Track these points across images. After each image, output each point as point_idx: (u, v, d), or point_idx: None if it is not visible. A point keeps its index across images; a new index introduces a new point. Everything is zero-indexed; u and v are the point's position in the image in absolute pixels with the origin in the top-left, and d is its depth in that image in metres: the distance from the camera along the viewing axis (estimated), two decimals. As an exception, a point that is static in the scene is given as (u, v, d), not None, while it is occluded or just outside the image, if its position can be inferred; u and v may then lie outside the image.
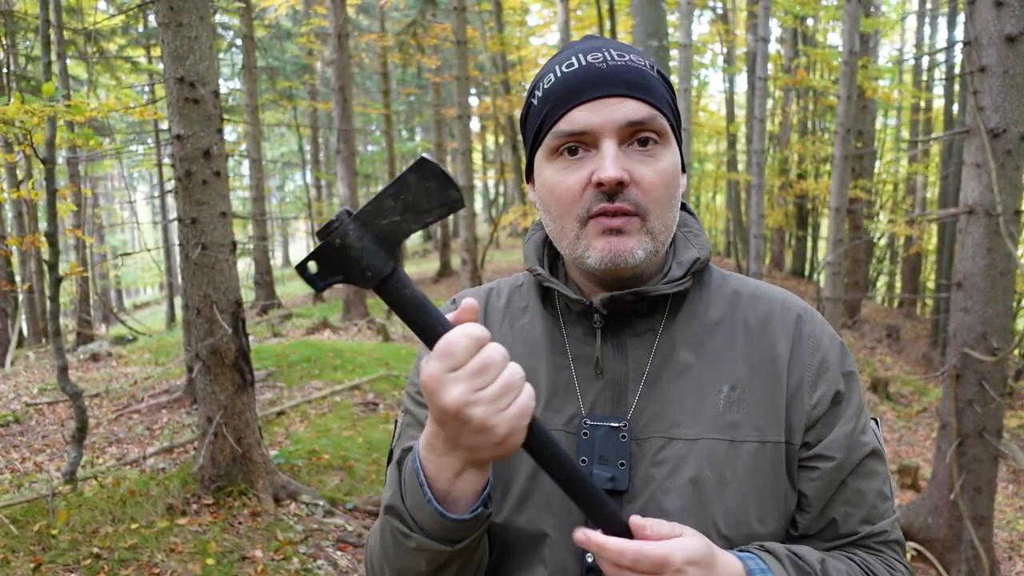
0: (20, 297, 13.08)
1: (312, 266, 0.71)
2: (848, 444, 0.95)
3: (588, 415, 0.96)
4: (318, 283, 0.72)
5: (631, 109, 0.91)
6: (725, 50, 22.78)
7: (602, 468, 0.93)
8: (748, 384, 0.95)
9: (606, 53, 0.94)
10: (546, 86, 0.96)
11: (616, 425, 0.94)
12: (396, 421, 1.11)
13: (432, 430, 0.80)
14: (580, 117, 0.91)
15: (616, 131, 0.91)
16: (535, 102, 0.98)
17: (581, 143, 0.92)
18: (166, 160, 12.24)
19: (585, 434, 0.95)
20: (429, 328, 0.72)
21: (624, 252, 0.91)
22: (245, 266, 19.90)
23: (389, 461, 1.06)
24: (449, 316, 0.75)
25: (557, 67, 0.95)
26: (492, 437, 0.72)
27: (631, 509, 0.91)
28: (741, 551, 0.88)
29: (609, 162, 0.89)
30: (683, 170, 1.04)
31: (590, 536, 0.79)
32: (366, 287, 0.72)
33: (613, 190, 0.90)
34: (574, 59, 0.94)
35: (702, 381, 0.96)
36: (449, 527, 0.82)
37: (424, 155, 0.72)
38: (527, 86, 1.09)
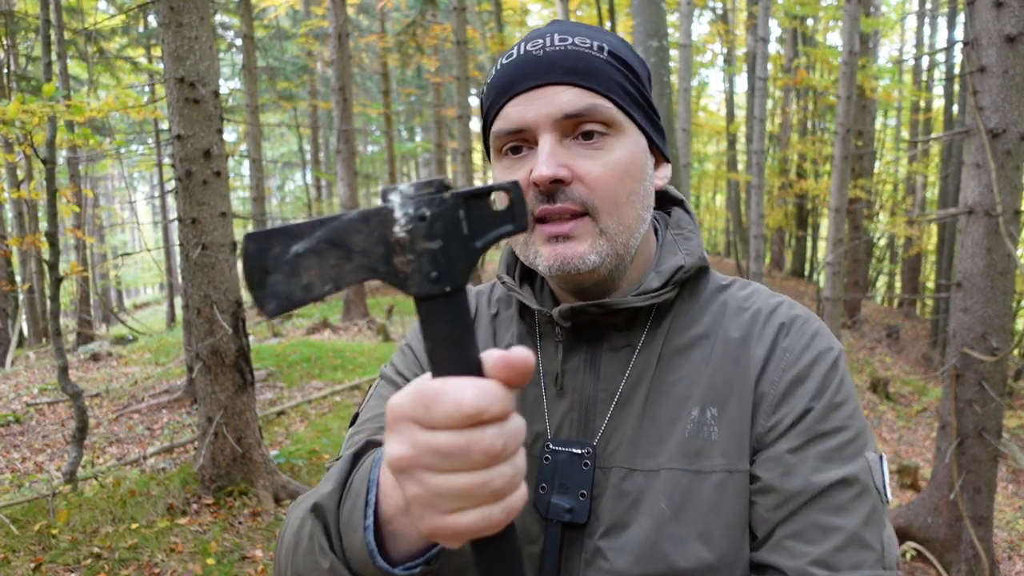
0: (20, 297, 13.09)
1: (493, 200, 0.53)
2: (786, 465, 0.79)
3: (553, 438, 0.87)
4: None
5: (567, 99, 0.81)
6: (725, 50, 22.79)
7: (561, 498, 0.83)
8: (722, 406, 0.83)
9: (547, 39, 0.84)
10: (488, 80, 0.89)
11: (579, 452, 0.85)
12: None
13: None
14: (514, 112, 0.83)
15: (552, 124, 0.82)
16: (482, 97, 0.91)
17: (522, 141, 0.84)
18: (166, 160, 12.25)
19: (547, 459, 0.86)
20: (448, 361, 0.52)
21: (573, 258, 0.82)
22: (245, 266, 19.87)
23: (352, 424, 0.96)
24: (491, 356, 0.52)
25: (501, 59, 0.88)
26: (417, 523, 0.54)
27: (590, 544, 0.83)
28: None
29: (543, 159, 0.80)
30: (664, 159, 0.93)
31: None
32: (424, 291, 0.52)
33: (549, 189, 0.81)
34: (515, 49, 0.86)
35: (673, 403, 0.85)
36: (373, 572, 0.64)
37: None
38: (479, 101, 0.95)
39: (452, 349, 0.52)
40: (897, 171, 21.33)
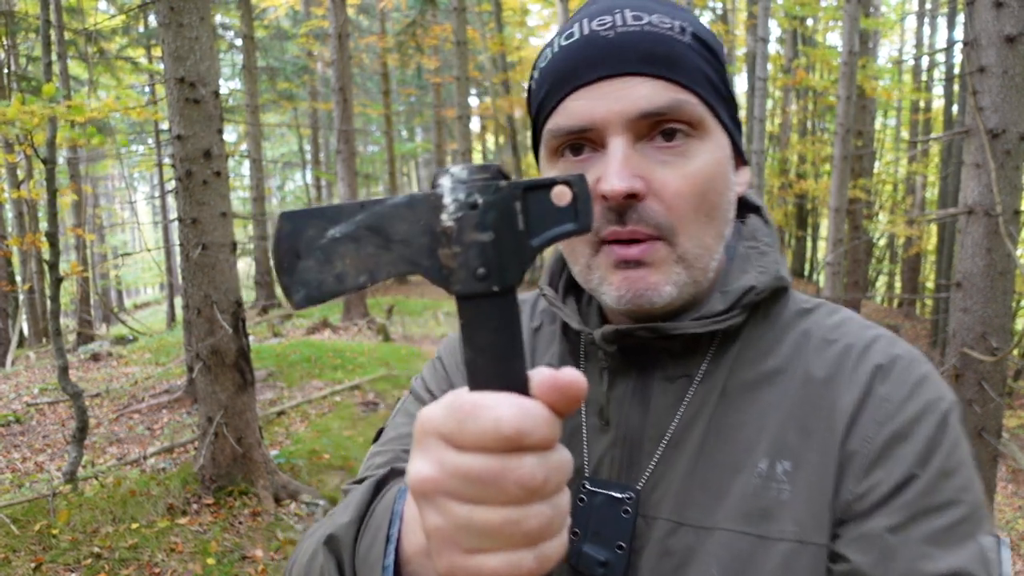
0: (21, 297, 13.09)
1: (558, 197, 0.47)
2: (885, 547, 0.64)
3: (591, 477, 0.75)
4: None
5: (645, 94, 0.67)
6: (725, 50, 22.80)
7: (595, 548, 0.71)
8: (798, 460, 0.68)
9: (618, 16, 0.70)
10: (542, 64, 0.75)
11: (619, 496, 0.72)
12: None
13: None
14: (579, 108, 0.69)
15: (625, 125, 0.68)
16: (533, 84, 0.77)
17: (585, 140, 0.71)
18: (166, 160, 12.26)
19: (582, 499, 0.73)
20: (490, 374, 0.46)
21: (647, 290, 0.69)
22: (245, 266, 19.93)
23: (376, 439, 0.89)
24: (539, 374, 0.45)
25: (558, 39, 0.74)
26: (435, 559, 0.47)
27: None
28: None
29: (615, 168, 0.66)
30: (743, 161, 0.79)
31: None
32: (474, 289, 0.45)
33: (621, 205, 0.67)
34: (576, 27, 0.72)
35: (737, 450, 0.70)
36: None
37: None
38: (527, 86, 0.84)
39: (495, 360, 0.45)
40: (897, 171, 21.34)
